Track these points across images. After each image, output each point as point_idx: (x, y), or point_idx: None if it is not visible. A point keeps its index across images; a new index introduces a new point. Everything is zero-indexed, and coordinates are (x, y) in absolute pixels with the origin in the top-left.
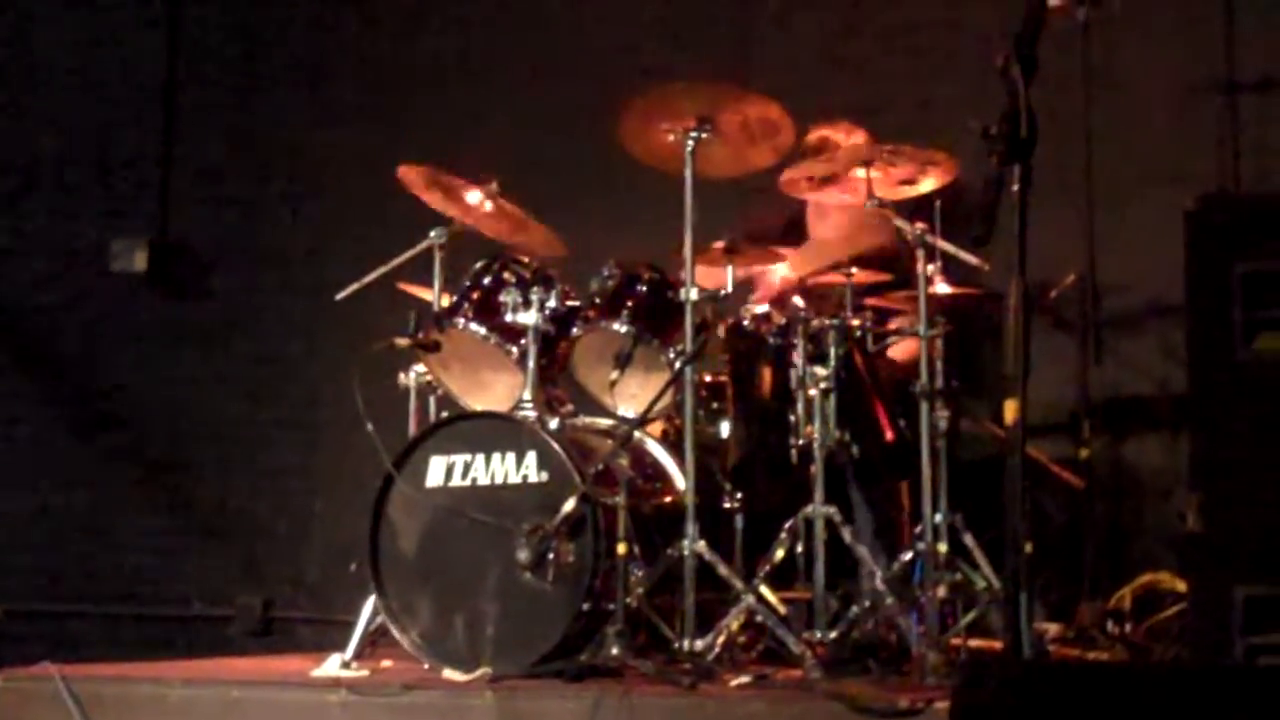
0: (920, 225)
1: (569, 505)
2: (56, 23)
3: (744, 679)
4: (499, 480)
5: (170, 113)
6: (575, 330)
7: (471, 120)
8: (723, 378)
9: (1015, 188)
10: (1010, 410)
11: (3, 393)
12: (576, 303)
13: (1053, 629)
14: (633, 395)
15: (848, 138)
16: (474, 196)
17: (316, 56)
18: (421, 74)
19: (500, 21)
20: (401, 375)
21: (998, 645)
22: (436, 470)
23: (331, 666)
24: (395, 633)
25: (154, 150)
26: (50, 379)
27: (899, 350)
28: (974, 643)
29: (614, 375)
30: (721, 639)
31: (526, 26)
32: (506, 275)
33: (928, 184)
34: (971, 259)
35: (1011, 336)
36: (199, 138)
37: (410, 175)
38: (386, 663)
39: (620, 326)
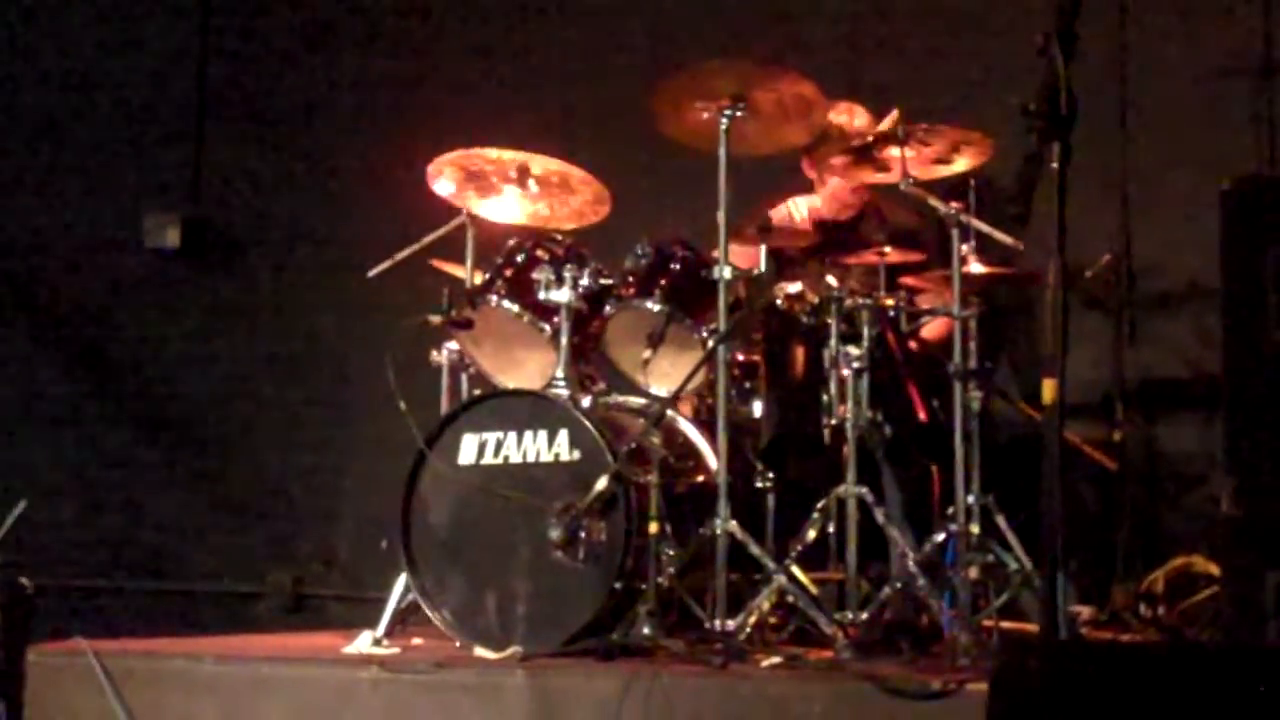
0: (955, 205)
1: (601, 484)
2: (89, 6)
3: (775, 659)
4: (531, 458)
5: (203, 89)
6: (608, 308)
7: (505, 99)
8: (756, 357)
9: (1054, 165)
10: (1048, 390)
11: (35, 368)
12: (610, 281)
13: (1086, 611)
14: (665, 374)
15: (851, 120)
16: (510, 191)
17: (352, 34)
18: (456, 51)
19: (532, 2)
20: (434, 352)
21: (1030, 627)
22: (469, 448)
23: (363, 643)
24: (427, 610)
25: (187, 126)
26: (82, 355)
27: (932, 330)
28: (1006, 625)
29: (647, 354)
30: (753, 619)
31: (559, 7)
32: (539, 253)
33: (962, 163)
34: (1006, 239)
35: (1050, 316)
36: (232, 114)
37: (439, 175)
38: (418, 640)
39: (653, 305)
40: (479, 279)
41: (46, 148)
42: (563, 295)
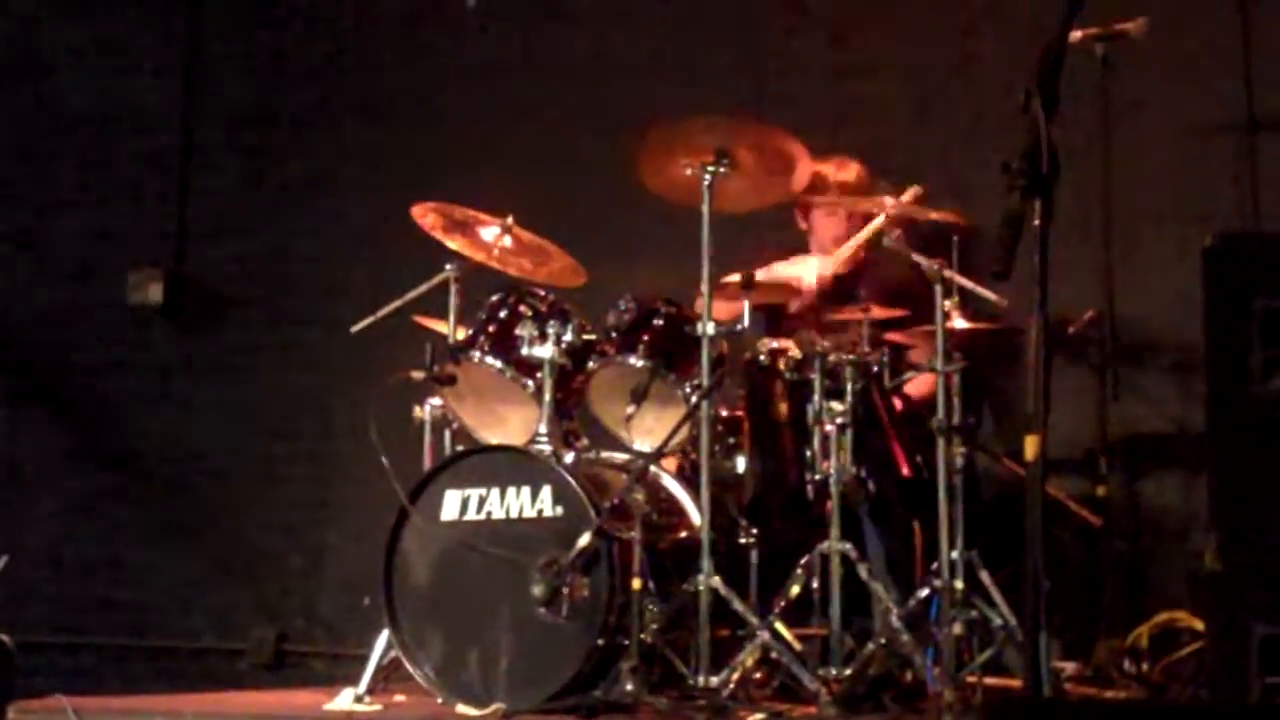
0: (938, 260)
1: (584, 540)
2: (76, 58)
3: (759, 716)
4: (514, 514)
5: (187, 146)
6: (591, 364)
7: (488, 155)
8: (739, 413)
9: (1036, 222)
10: (1031, 446)
11: (17, 424)
12: (593, 336)
13: (1070, 667)
14: (649, 429)
15: (839, 172)
16: (490, 233)
17: (334, 92)
18: (438, 109)
19: (516, 58)
20: (417, 409)
21: (1014, 683)
22: (451, 504)
23: (344, 701)
24: (409, 667)
25: (171, 183)
26: (65, 411)
27: (915, 386)
28: (990, 680)
29: (630, 409)
30: (736, 675)
31: (543, 63)
32: (522, 308)
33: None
34: (989, 294)
35: (1032, 373)
36: (216, 171)
37: (425, 217)
38: (400, 697)
39: (637, 360)
40: (462, 335)
41: (29, 203)
42: (546, 351)
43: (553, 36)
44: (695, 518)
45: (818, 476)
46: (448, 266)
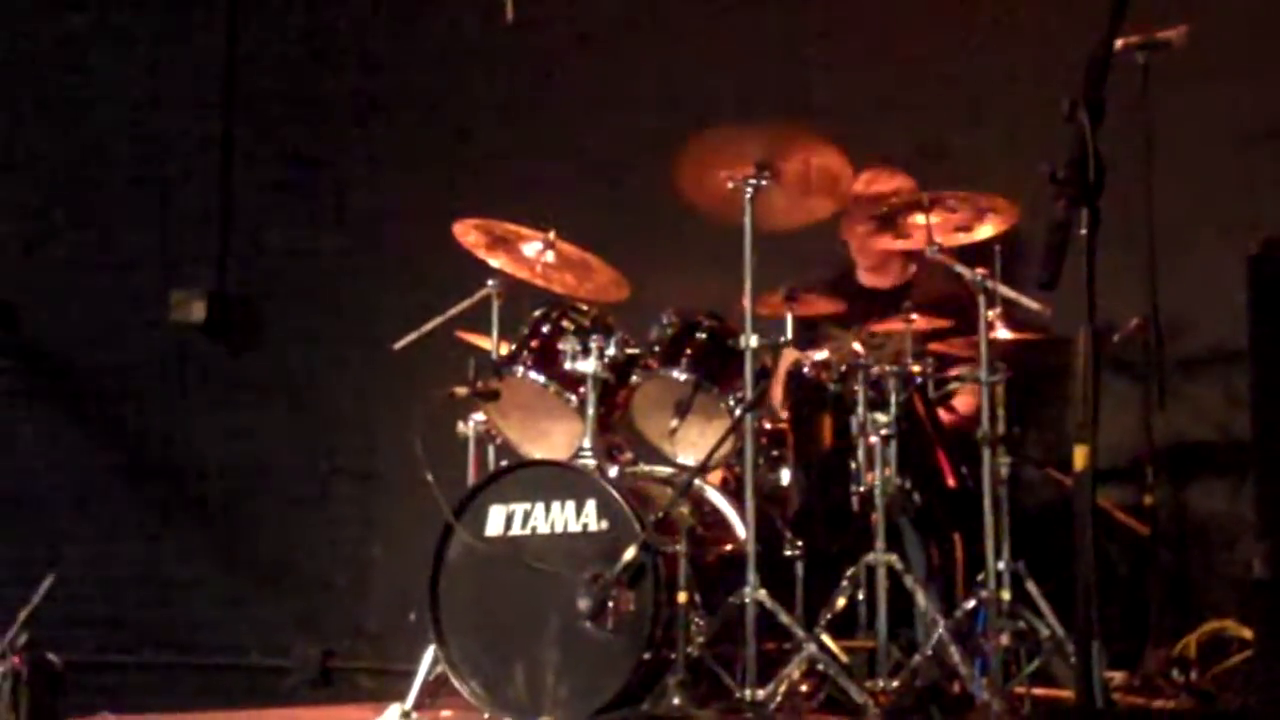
0: (981, 270)
1: (629, 554)
2: (116, 76)
3: None
4: (559, 529)
5: (228, 164)
6: (635, 378)
7: (528, 169)
8: (783, 425)
9: (1083, 231)
10: (1080, 457)
11: (62, 443)
12: (636, 350)
13: (1118, 677)
14: (693, 443)
15: (870, 185)
16: (533, 248)
17: (373, 107)
18: (478, 123)
19: (556, 71)
20: (460, 424)
21: (1062, 694)
22: (496, 519)
23: (391, 717)
24: (455, 682)
25: (213, 202)
26: (108, 430)
27: (964, 402)
28: (1038, 691)
29: (674, 423)
30: (783, 688)
31: (583, 75)
32: (565, 323)
33: (985, 230)
34: (1033, 304)
35: (1080, 383)
36: (257, 189)
37: (467, 235)
38: (446, 713)
39: (680, 374)
40: (505, 350)
41: (73, 223)
42: (589, 365)
43: (594, 49)
44: (740, 531)
45: (862, 488)
46: (490, 282)
